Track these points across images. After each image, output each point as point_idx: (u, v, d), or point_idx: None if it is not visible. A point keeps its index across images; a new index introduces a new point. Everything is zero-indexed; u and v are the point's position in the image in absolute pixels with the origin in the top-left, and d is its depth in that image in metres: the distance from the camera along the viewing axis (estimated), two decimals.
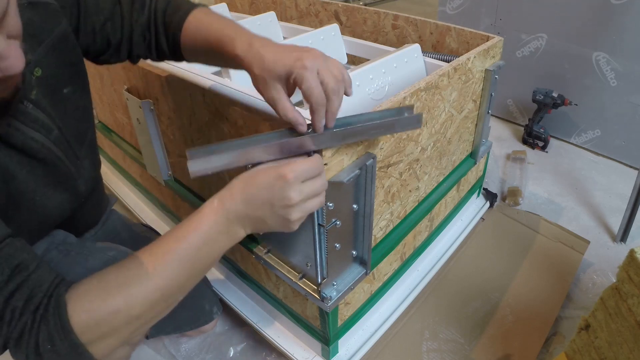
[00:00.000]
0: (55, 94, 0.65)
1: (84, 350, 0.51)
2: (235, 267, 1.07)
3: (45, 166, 0.64)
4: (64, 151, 0.67)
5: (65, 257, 0.75)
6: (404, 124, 0.66)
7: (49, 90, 0.63)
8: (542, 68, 1.73)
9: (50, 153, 0.64)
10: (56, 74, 0.65)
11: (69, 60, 0.67)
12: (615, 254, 1.28)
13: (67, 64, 0.66)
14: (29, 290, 0.50)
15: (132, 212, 1.42)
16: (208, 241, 0.55)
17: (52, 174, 0.66)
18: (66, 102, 0.67)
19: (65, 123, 0.67)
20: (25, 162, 0.61)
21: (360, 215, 0.74)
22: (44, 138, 0.62)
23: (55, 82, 0.65)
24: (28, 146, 0.60)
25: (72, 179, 0.70)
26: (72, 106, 0.69)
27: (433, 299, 1.14)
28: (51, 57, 0.63)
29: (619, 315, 0.70)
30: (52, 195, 0.67)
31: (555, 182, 1.59)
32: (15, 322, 0.49)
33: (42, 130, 0.62)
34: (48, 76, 0.63)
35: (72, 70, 0.68)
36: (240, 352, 1.05)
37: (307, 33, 1.14)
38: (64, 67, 0.66)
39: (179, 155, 1.02)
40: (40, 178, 0.64)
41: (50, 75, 0.63)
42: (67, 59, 0.66)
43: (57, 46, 0.64)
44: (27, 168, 0.61)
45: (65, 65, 0.66)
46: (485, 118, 1.10)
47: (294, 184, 0.54)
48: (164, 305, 0.56)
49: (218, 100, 0.78)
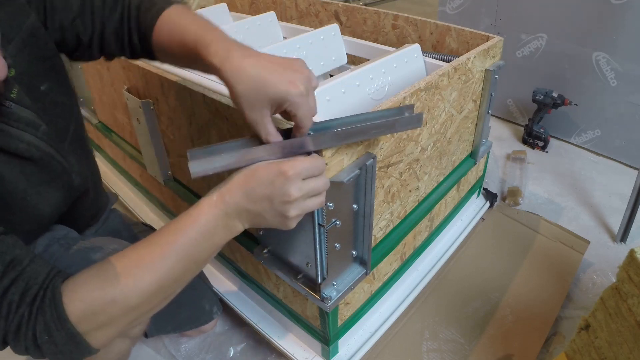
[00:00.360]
0: (33, 92, 0.63)
1: (82, 339, 0.51)
2: (235, 267, 1.07)
3: (35, 164, 0.63)
4: (54, 146, 0.65)
5: (66, 251, 0.75)
6: (404, 124, 0.66)
7: (25, 87, 0.61)
8: (542, 68, 1.73)
9: (39, 150, 0.62)
10: (30, 71, 0.62)
11: (41, 55, 0.64)
12: (615, 254, 1.28)
13: (40, 59, 0.64)
14: (24, 284, 0.50)
15: (132, 212, 1.42)
16: (206, 234, 0.55)
17: (45, 171, 0.65)
18: (44, 99, 0.65)
19: (49, 119, 0.65)
20: (15, 163, 0.60)
21: (360, 215, 0.74)
22: (31, 136, 0.61)
23: (30, 80, 0.63)
24: (14, 147, 0.59)
25: (65, 173, 0.69)
26: (50, 103, 0.66)
27: (433, 299, 1.13)
28: (23, 54, 0.61)
29: (619, 315, 0.70)
30: (46, 192, 0.66)
31: (555, 182, 1.59)
32: (12, 315, 0.49)
33: (28, 129, 0.60)
34: (22, 74, 0.61)
35: (47, 66, 0.66)
36: (240, 352, 1.05)
37: (307, 33, 1.14)
38: (38, 63, 0.64)
39: (179, 155, 1.02)
40: (31, 177, 0.63)
41: (25, 72, 0.61)
42: (40, 54, 0.64)
43: (27, 42, 0.61)
44: (16, 169, 0.60)
45: (38, 61, 0.64)
46: (485, 118, 1.10)
47: (294, 180, 0.53)
48: (161, 297, 0.56)
49: (218, 101, 0.78)
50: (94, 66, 1.22)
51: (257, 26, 1.31)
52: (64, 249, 0.75)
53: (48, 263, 0.54)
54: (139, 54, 0.71)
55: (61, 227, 0.77)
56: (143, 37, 0.67)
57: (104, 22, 0.68)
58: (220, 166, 0.56)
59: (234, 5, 1.64)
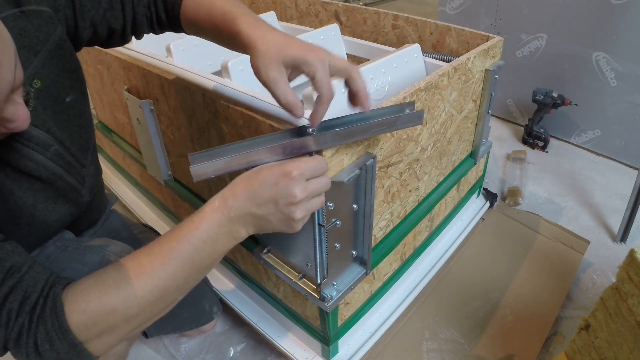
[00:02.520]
0: (57, 104, 0.63)
1: (83, 348, 0.51)
2: (235, 267, 1.07)
3: (43, 183, 0.63)
4: (64, 166, 0.65)
5: (62, 252, 0.75)
6: (405, 121, 0.66)
7: (50, 100, 0.62)
8: (542, 68, 1.73)
9: (47, 170, 0.62)
10: (56, 83, 0.63)
11: (67, 67, 0.65)
12: (615, 254, 1.28)
13: (67, 71, 0.65)
14: (23, 291, 0.50)
15: (132, 212, 1.42)
16: (208, 241, 0.54)
17: (51, 190, 0.65)
18: (69, 111, 0.66)
19: (70, 133, 0.66)
20: (23, 179, 0.60)
21: (360, 215, 0.74)
22: (41, 156, 0.61)
23: (57, 92, 0.63)
24: (23, 165, 0.59)
25: (74, 192, 0.69)
26: (75, 114, 0.67)
27: (433, 299, 1.13)
28: (49, 66, 0.61)
29: (619, 315, 0.70)
30: (53, 208, 0.66)
31: (555, 182, 1.59)
32: (12, 323, 0.49)
33: (38, 148, 0.60)
34: (49, 86, 0.61)
35: (72, 77, 0.66)
36: (240, 352, 1.05)
37: (307, 33, 1.14)
38: (64, 75, 0.64)
39: (179, 155, 1.02)
40: (39, 194, 0.63)
41: (51, 85, 0.62)
42: (66, 66, 0.64)
43: (54, 54, 0.61)
44: (25, 185, 0.60)
45: (64, 73, 0.64)
46: (485, 118, 1.10)
47: (298, 181, 0.53)
48: (162, 305, 0.56)
49: (218, 100, 0.78)
50: (94, 66, 1.22)
51: None
52: (59, 251, 0.75)
53: (47, 269, 0.54)
54: (166, 29, 0.74)
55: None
56: (171, 14, 0.70)
57: (134, 9, 0.70)
58: (222, 168, 0.56)
59: None
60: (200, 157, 0.55)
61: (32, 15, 0.58)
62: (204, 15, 0.66)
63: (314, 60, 0.54)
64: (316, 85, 0.55)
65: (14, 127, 0.47)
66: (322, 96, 0.55)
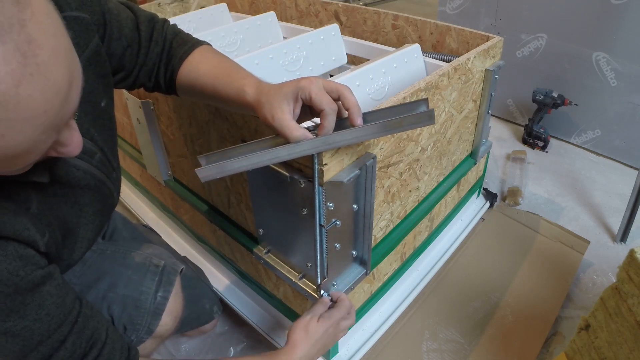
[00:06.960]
0: (96, 109, 0.64)
1: None
2: (235, 267, 1.07)
3: (89, 192, 0.63)
4: (106, 173, 0.66)
5: (100, 256, 0.78)
6: (416, 121, 0.61)
7: (89, 106, 0.62)
8: (542, 68, 1.73)
9: (94, 178, 0.63)
10: (94, 89, 0.63)
11: (102, 73, 0.65)
12: (615, 254, 1.28)
13: (102, 76, 0.65)
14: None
15: (132, 212, 1.42)
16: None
17: (96, 200, 0.64)
18: (104, 116, 0.66)
19: (104, 137, 0.66)
20: (70, 194, 0.59)
21: (360, 215, 0.74)
22: (87, 164, 0.61)
23: (95, 97, 0.63)
24: (72, 175, 0.59)
25: (111, 196, 0.69)
26: (108, 118, 0.68)
27: (433, 299, 1.14)
28: (88, 72, 0.61)
29: (619, 315, 0.70)
30: (93, 222, 0.65)
31: (555, 182, 1.59)
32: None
33: (84, 156, 0.60)
34: (88, 93, 0.61)
35: (106, 82, 0.66)
36: (240, 352, 1.05)
37: (307, 33, 1.14)
38: (99, 81, 0.64)
39: (179, 155, 1.02)
40: (84, 207, 0.62)
41: (90, 90, 0.62)
42: (102, 72, 0.65)
43: (92, 60, 0.61)
44: (72, 199, 0.60)
45: (100, 79, 0.64)
46: (485, 118, 1.10)
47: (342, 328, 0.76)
48: None
49: None
50: None
51: (257, 26, 1.31)
52: (97, 255, 0.78)
53: (120, 336, 0.62)
54: (160, 89, 0.75)
55: None
56: (169, 74, 0.72)
57: (147, 55, 0.71)
58: (230, 170, 0.58)
59: (234, 5, 1.63)
60: (209, 159, 0.58)
61: (73, 22, 0.58)
62: (203, 85, 0.68)
63: (306, 84, 0.58)
64: (315, 104, 0.57)
65: (66, 152, 0.46)
66: (325, 111, 0.57)
